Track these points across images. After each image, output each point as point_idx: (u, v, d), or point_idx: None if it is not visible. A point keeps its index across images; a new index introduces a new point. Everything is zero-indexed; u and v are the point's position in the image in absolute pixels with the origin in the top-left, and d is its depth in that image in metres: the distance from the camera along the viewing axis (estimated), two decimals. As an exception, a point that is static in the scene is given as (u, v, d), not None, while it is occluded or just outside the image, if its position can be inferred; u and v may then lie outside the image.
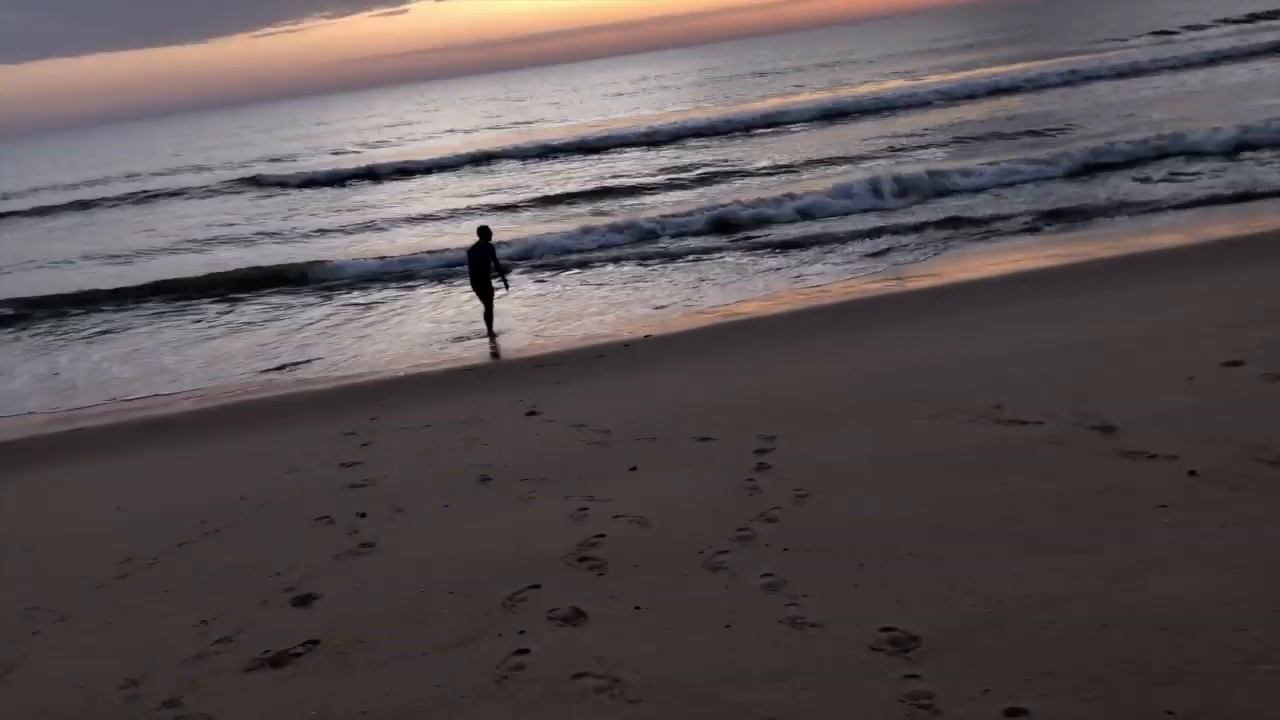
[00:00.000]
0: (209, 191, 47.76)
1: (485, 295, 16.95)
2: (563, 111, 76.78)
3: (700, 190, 29.76)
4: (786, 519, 6.54)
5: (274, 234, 32.41)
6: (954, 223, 21.00)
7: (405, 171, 43.48)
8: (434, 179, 41.38)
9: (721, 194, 28.02)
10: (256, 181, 46.83)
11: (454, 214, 31.60)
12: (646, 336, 15.33)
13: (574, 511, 7.37)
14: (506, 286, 17.18)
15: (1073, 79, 44.06)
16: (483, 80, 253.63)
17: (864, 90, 53.55)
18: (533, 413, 11.08)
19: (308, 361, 16.73)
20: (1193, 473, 6.19)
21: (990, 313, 13.25)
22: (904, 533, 6.02)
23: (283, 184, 44.89)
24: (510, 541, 6.96)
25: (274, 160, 61.51)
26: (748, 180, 30.48)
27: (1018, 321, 12.35)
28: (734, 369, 12.11)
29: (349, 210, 35.87)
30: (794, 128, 42.35)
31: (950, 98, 43.95)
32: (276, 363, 16.89)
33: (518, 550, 6.74)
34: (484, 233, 17.08)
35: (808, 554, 5.93)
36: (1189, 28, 65.25)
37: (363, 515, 8.14)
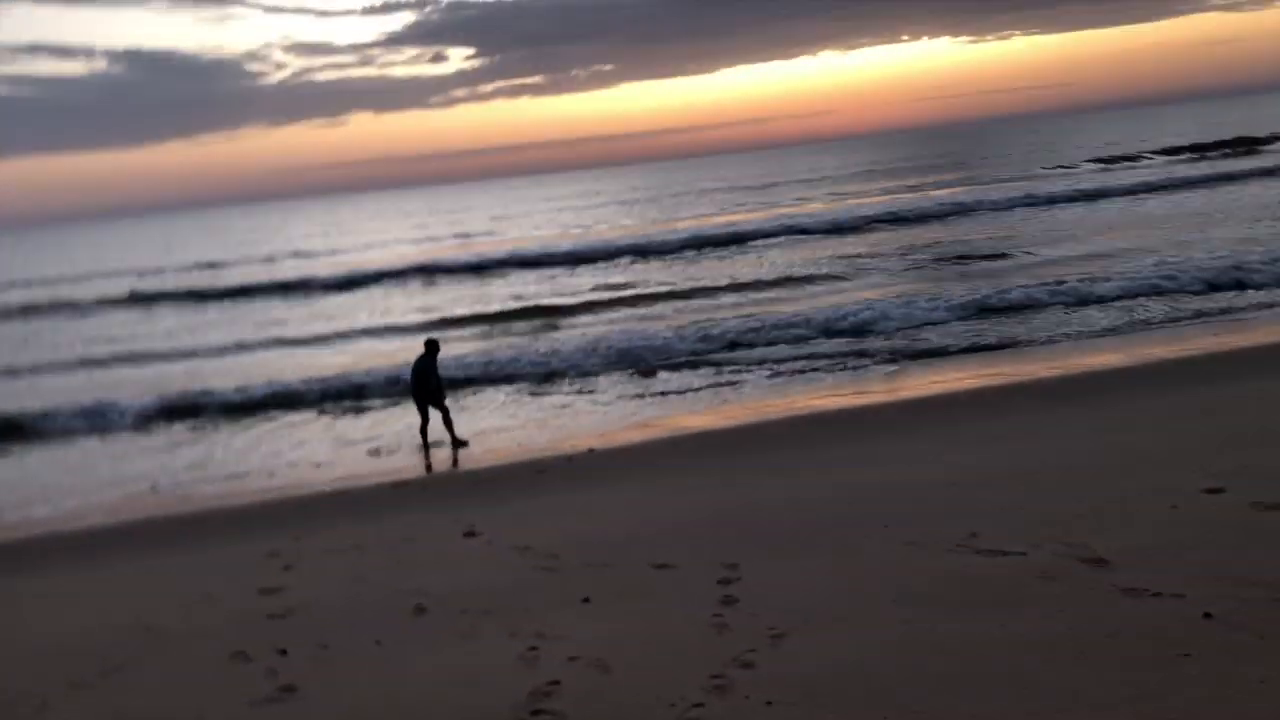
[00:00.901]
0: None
1: (435, 404, 16.24)
2: (499, 225, 76.05)
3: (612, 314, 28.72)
4: (764, 664, 5.86)
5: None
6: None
7: (324, 285, 41.37)
8: (351, 295, 39.42)
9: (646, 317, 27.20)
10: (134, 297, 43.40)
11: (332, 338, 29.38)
12: (590, 450, 14.67)
13: (523, 651, 6.61)
14: (440, 407, 16.31)
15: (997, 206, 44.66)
16: (420, 192, 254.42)
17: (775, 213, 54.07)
18: (471, 533, 10.31)
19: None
20: (1208, 615, 5.67)
21: (948, 431, 12.83)
22: (899, 684, 5.37)
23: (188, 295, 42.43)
24: (451, 689, 6.17)
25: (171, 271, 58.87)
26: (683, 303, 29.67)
27: (979, 441, 11.93)
28: (686, 486, 11.48)
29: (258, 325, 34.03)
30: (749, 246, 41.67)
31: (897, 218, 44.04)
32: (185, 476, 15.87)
33: (460, 702, 5.95)
34: (431, 346, 16.65)
35: (793, 708, 5.25)
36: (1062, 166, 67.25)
37: (283, 653, 7.29)
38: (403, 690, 6.27)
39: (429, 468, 15.07)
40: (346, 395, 20.29)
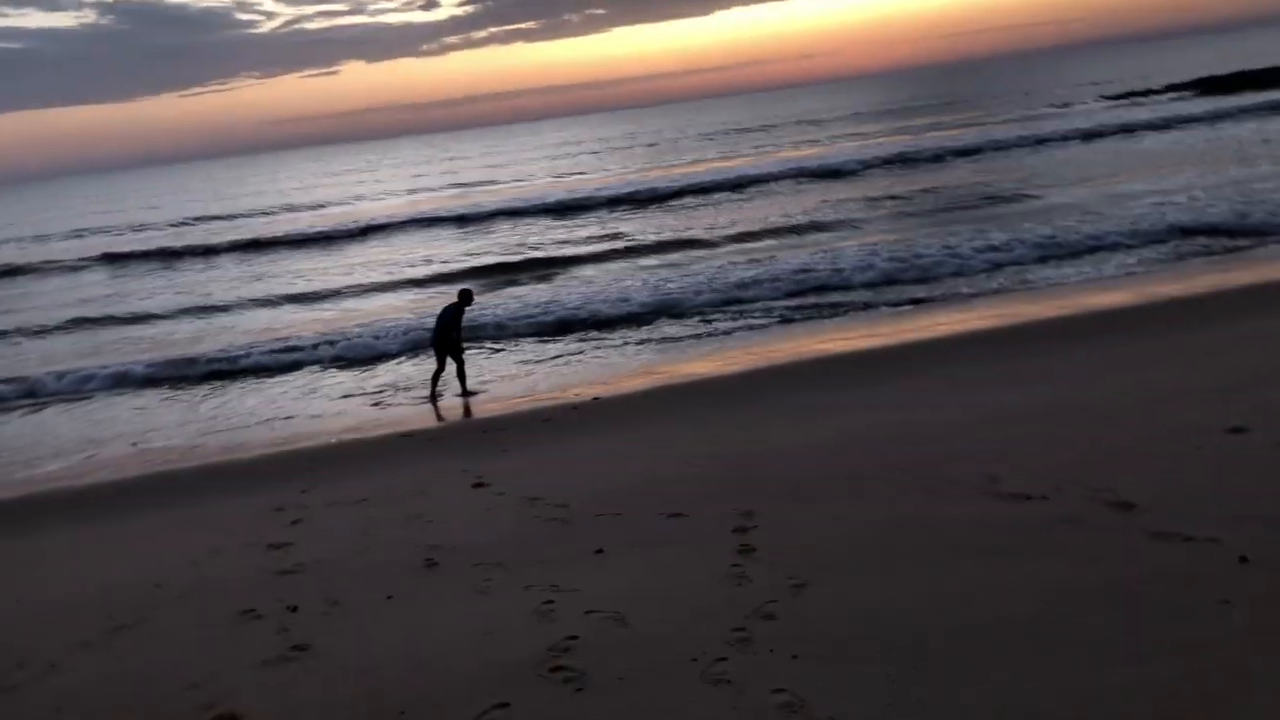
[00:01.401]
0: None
1: (454, 353, 16.17)
2: (495, 174, 75.11)
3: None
4: (787, 615, 5.73)
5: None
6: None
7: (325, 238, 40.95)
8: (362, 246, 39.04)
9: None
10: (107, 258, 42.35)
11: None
12: (595, 398, 14.52)
13: (538, 605, 6.49)
14: (458, 357, 16.22)
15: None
16: (415, 141, 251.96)
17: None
18: (480, 484, 10.19)
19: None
20: (1244, 559, 5.53)
21: (956, 374, 12.66)
22: (929, 634, 5.24)
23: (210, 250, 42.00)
24: (467, 644, 6.05)
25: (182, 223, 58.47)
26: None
27: (988, 384, 11.77)
28: (693, 434, 11.34)
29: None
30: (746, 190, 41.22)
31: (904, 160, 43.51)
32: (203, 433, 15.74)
33: (477, 656, 5.83)
34: (465, 295, 16.58)
35: (822, 661, 5.12)
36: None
37: (294, 609, 7.17)
38: (418, 646, 6.16)
39: (439, 417, 14.95)
40: (350, 350, 20.05)
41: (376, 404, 16.00)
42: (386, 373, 18.24)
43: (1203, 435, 8.30)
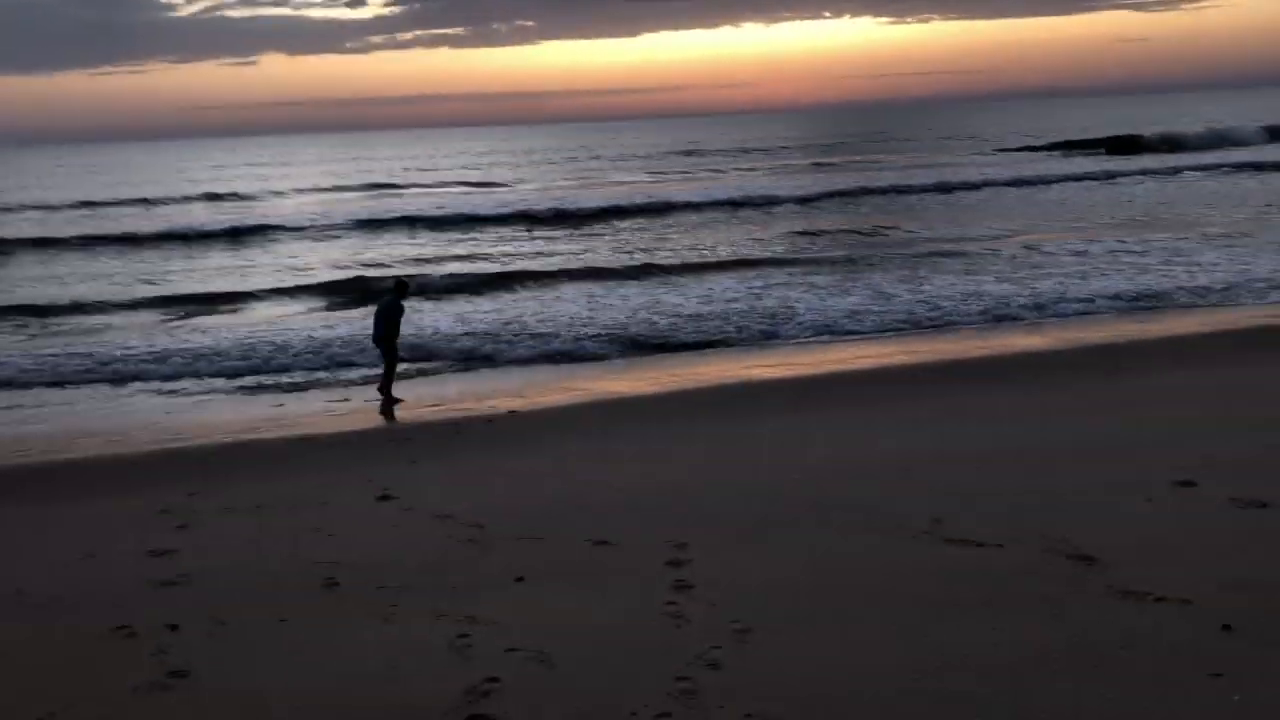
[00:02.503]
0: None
1: (390, 350, 15.13)
2: (414, 178, 72.98)
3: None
4: (733, 665, 5.17)
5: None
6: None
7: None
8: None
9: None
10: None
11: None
12: (511, 412, 13.86)
13: (453, 639, 5.82)
14: (391, 355, 15.29)
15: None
16: (330, 139, 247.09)
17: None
18: (386, 496, 9.47)
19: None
20: (1227, 627, 5.13)
21: (887, 409, 12.31)
22: (899, 700, 4.72)
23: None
24: (371, 681, 5.37)
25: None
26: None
27: (925, 420, 11.43)
28: (617, 454, 10.77)
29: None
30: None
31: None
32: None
33: (382, 697, 5.15)
34: (401, 287, 15.67)
35: (780, 725, 4.56)
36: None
37: (174, 628, 6.38)
38: (314, 681, 5.45)
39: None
40: (241, 351, 18.56)
41: (277, 405, 15.08)
42: (284, 376, 17.15)
43: (1149, 488, 8.01)
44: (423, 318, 20.01)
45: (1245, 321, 17.29)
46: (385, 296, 15.61)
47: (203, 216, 44.31)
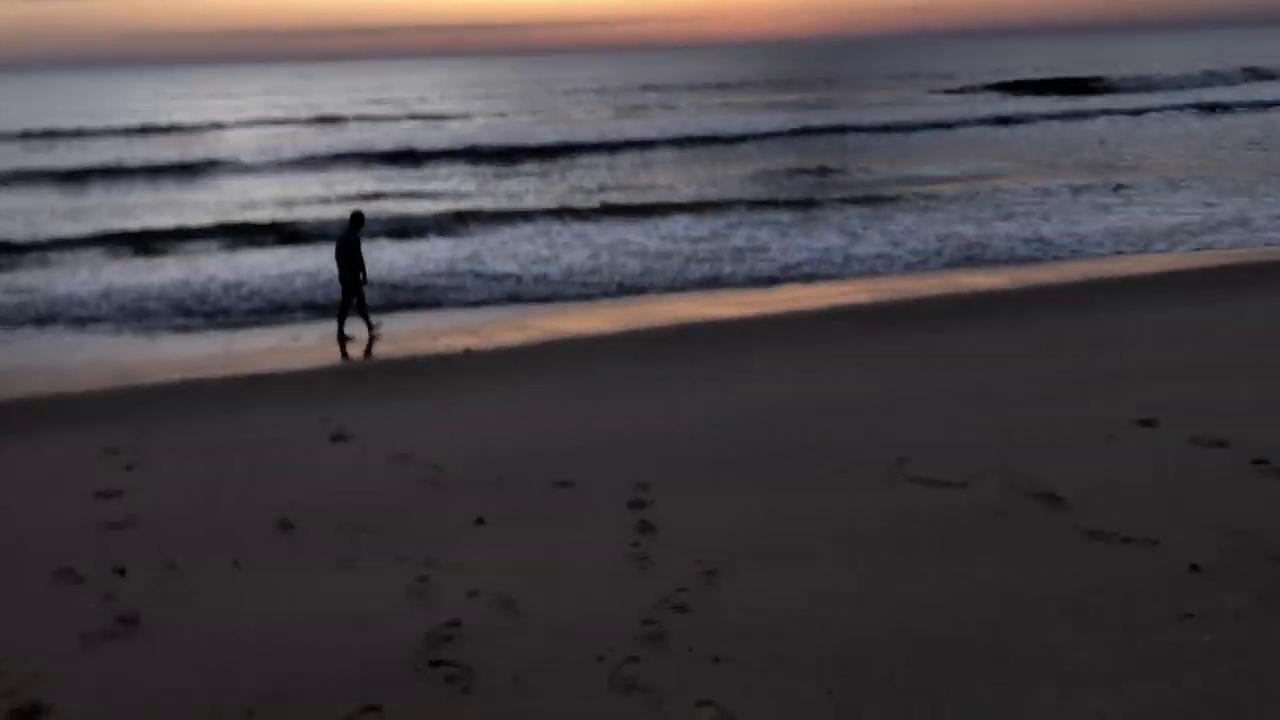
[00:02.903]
0: None
1: (357, 286, 14.80)
2: (369, 109, 70.75)
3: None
4: (701, 607, 5.07)
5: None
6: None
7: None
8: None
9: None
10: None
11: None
12: (467, 350, 13.64)
13: (412, 582, 5.68)
14: (360, 291, 15.01)
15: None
16: (277, 70, 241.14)
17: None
18: (340, 437, 9.28)
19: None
20: (1195, 567, 5.10)
21: (858, 346, 12.26)
22: (869, 642, 4.64)
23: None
24: (330, 627, 5.22)
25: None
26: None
27: (887, 362, 11.36)
28: (577, 395, 10.62)
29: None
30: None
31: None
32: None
33: (342, 643, 5.00)
34: (357, 219, 15.19)
35: (750, 668, 4.46)
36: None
37: (122, 572, 6.19)
38: (270, 628, 5.28)
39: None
40: (195, 292, 18.07)
41: (227, 343, 14.76)
42: (233, 314, 16.75)
43: (1112, 427, 7.99)
44: (380, 254, 19.64)
45: (1205, 261, 17.39)
46: (342, 231, 15.25)
47: (145, 150, 43.11)
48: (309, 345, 14.42)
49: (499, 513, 6.83)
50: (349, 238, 14.84)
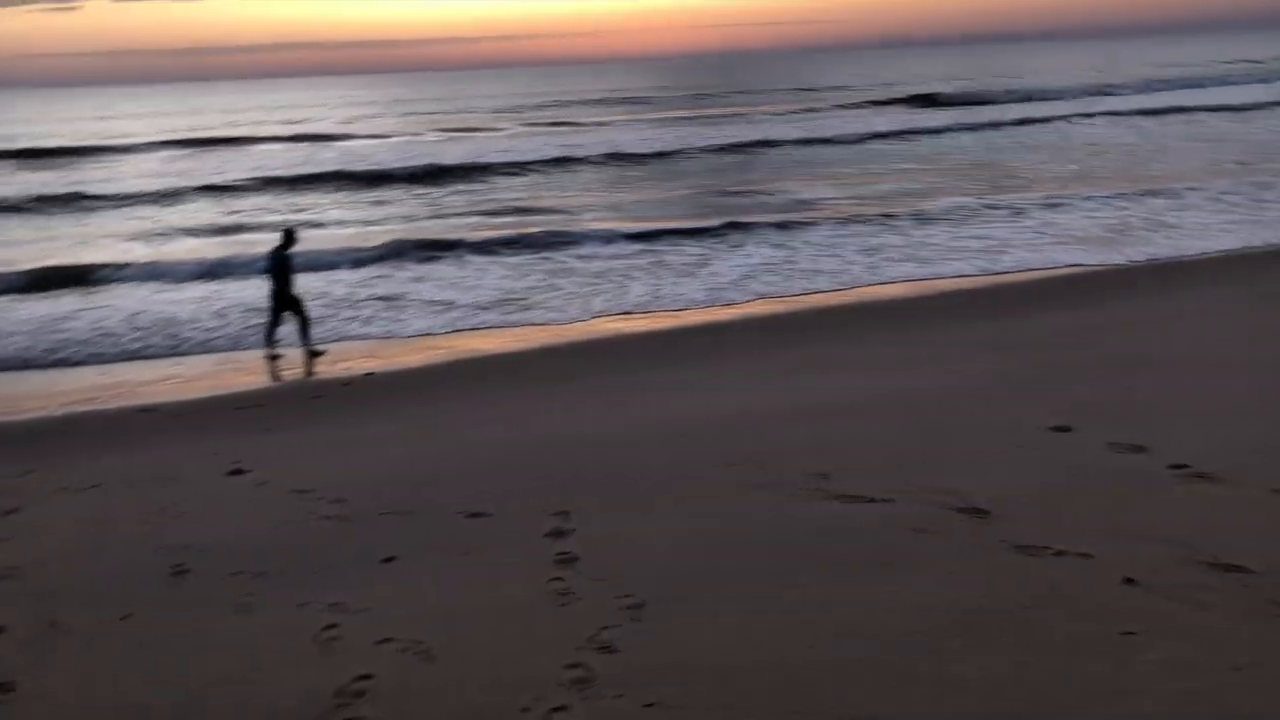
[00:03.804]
0: None
1: (294, 304, 14.58)
2: (255, 130, 68.47)
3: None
4: (629, 646, 4.80)
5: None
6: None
7: None
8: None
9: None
10: None
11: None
12: (368, 373, 13.21)
13: (318, 631, 5.31)
14: (299, 308, 14.74)
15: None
16: (163, 90, 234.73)
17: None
18: (238, 471, 8.81)
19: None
20: (1130, 580, 5.00)
21: (760, 359, 12.13)
22: (803, 671, 4.42)
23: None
24: (227, 684, 4.82)
25: None
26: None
27: (797, 372, 11.27)
28: (487, 417, 10.28)
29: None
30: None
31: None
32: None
33: (241, 704, 4.62)
34: (290, 235, 14.89)
35: (685, 712, 4.21)
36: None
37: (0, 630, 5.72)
38: (160, 686, 4.86)
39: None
40: (85, 325, 17.18)
41: (116, 373, 14.08)
42: (123, 343, 16.01)
43: (1027, 434, 7.95)
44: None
45: (1099, 267, 17.76)
46: (273, 249, 14.83)
47: (26, 177, 41.29)
48: (202, 373, 13.83)
49: (410, 549, 6.48)
50: (280, 254, 14.53)
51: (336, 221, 27.77)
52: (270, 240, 16.12)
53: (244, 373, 13.74)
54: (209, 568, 6.47)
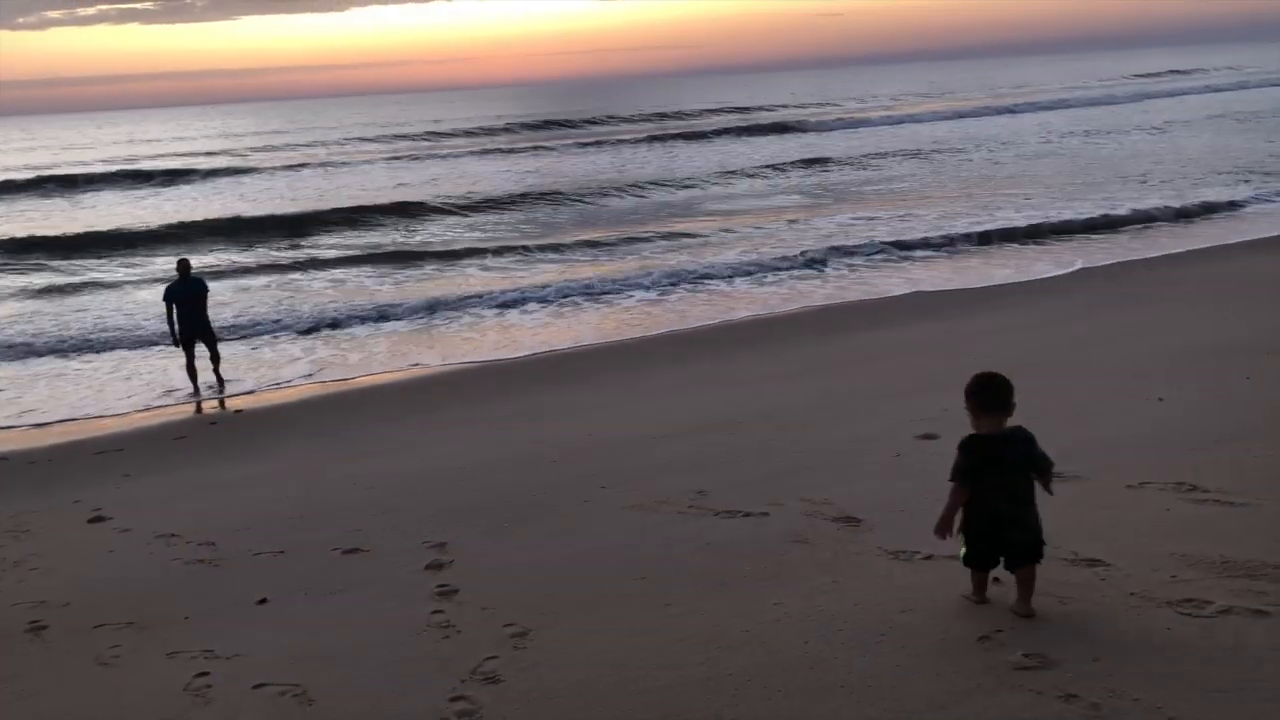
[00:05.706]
0: None
1: (206, 336, 14.39)
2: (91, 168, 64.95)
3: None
4: (512, 675, 4.75)
5: None
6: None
7: None
8: None
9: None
10: None
11: None
12: (237, 410, 12.84)
13: (189, 680, 5.11)
14: (210, 340, 14.59)
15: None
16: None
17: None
18: (99, 518, 8.46)
19: None
20: (996, 580, 5.14)
21: (625, 381, 12.19)
22: (687, 686, 4.43)
23: None
24: (92, 744, 4.61)
25: None
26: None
27: (667, 391, 11.37)
28: (358, 451, 10.10)
29: None
30: None
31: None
32: None
33: (109, 762, 4.42)
34: (184, 265, 14.59)
35: (570, 737, 4.19)
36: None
37: None
38: (21, 751, 4.64)
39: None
40: None
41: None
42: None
43: (897, 443, 8.15)
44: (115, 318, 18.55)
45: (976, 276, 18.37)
46: (175, 284, 14.41)
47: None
48: (58, 416, 13.24)
49: (284, 590, 6.31)
50: (186, 285, 14.30)
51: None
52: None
53: (103, 415, 13.19)
54: (69, 622, 6.19)
